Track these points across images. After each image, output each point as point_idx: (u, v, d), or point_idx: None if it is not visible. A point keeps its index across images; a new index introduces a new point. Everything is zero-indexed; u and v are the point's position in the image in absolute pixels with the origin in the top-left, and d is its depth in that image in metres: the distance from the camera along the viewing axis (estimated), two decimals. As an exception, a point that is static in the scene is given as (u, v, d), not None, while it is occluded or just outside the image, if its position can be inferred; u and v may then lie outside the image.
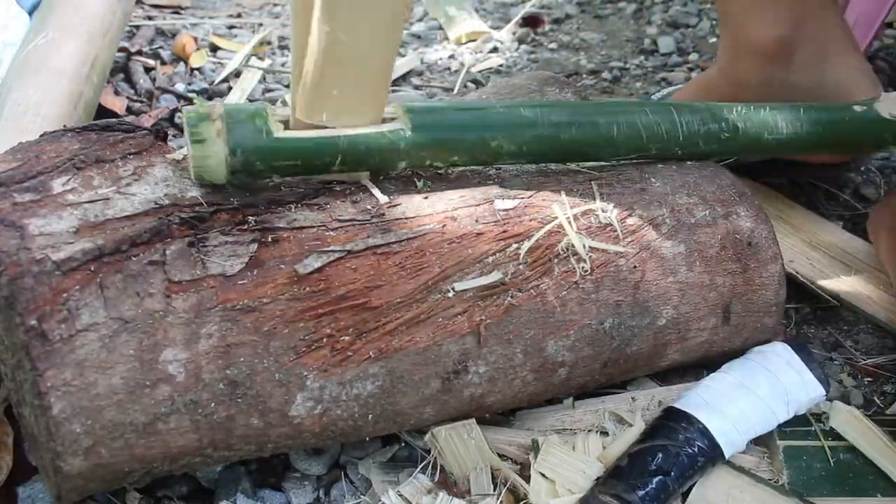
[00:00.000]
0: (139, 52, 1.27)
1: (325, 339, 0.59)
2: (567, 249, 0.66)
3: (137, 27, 1.35)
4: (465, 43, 1.43)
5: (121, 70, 1.22)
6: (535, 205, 0.67)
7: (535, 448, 0.67)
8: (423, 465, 0.66)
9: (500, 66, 1.34)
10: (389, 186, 0.66)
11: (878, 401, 0.77)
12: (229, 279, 0.58)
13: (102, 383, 0.54)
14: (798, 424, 0.71)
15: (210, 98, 1.21)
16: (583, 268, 0.66)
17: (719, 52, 0.96)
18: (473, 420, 0.66)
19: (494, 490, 0.65)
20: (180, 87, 1.22)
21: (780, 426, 0.70)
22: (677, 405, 0.68)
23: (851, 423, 0.71)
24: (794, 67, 0.91)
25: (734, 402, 0.68)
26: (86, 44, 1.00)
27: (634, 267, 0.68)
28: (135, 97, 1.17)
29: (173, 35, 1.37)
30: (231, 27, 1.45)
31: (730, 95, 0.88)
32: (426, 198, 0.66)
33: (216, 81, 1.24)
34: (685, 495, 0.65)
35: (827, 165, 1.00)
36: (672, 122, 0.73)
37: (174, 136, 1.11)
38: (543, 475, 0.65)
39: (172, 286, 0.56)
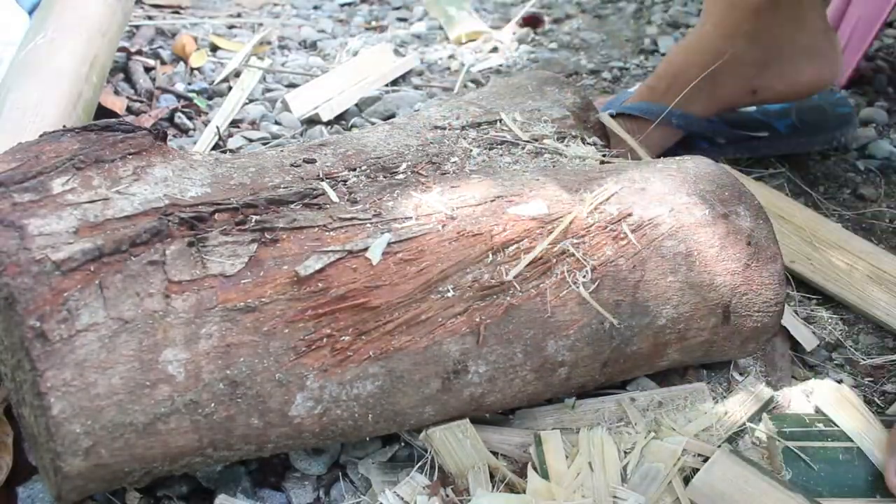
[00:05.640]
0: (139, 52, 1.27)
1: (324, 339, 0.59)
2: (565, 253, 0.66)
3: (137, 27, 1.36)
4: (465, 43, 1.43)
5: (121, 70, 1.22)
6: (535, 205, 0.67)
7: (536, 443, 0.67)
8: (419, 464, 0.66)
9: (500, 66, 1.34)
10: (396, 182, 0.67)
11: (877, 401, 0.77)
12: (229, 279, 0.58)
13: (102, 383, 0.54)
14: (798, 425, 0.71)
15: (210, 98, 1.21)
16: (584, 274, 0.66)
17: (707, 10, 1.01)
18: (467, 420, 0.66)
19: (493, 489, 0.65)
20: (180, 86, 1.22)
21: (779, 426, 0.70)
22: None
23: (837, 401, 0.72)
24: (778, 19, 0.97)
25: None
26: (85, 44, 1.00)
27: (634, 267, 0.68)
28: (135, 97, 1.17)
29: (173, 35, 1.37)
30: (231, 27, 1.45)
31: (723, 46, 0.97)
32: (426, 191, 0.66)
33: (216, 81, 1.24)
34: (687, 481, 0.65)
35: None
36: None
37: (174, 136, 1.11)
38: (544, 475, 0.65)
39: (172, 286, 0.56)
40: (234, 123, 1.14)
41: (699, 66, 0.98)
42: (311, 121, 1.16)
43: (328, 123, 1.15)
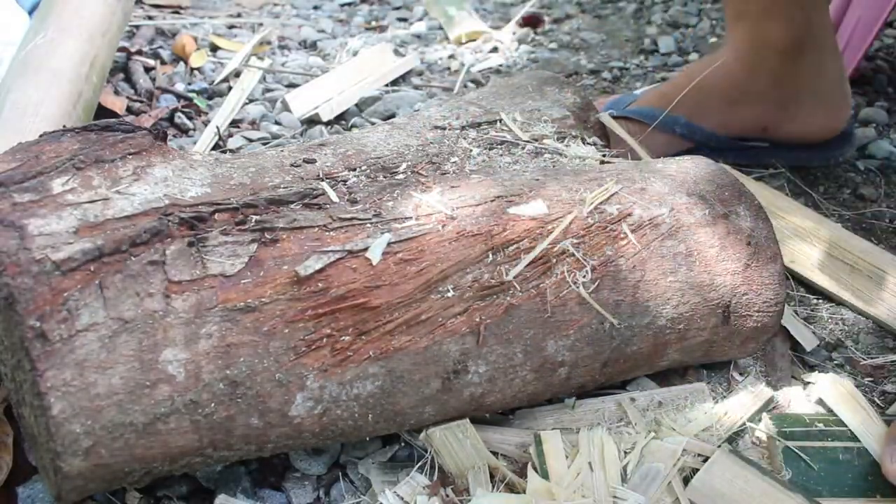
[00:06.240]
0: (139, 52, 1.27)
1: (324, 339, 0.59)
2: (565, 253, 0.66)
3: (137, 27, 1.36)
4: (465, 43, 1.43)
5: (121, 70, 1.22)
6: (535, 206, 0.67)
7: (536, 443, 0.67)
8: (419, 464, 0.66)
9: (500, 66, 1.34)
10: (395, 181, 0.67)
11: (878, 401, 0.77)
12: (229, 279, 0.58)
13: (102, 383, 0.54)
14: (798, 425, 0.71)
15: (210, 98, 1.21)
16: (584, 274, 0.66)
17: (733, 42, 1.03)
18: (467, 420, 0.66)
19: (493, 489, 0.65)
20: (180, 86, 1.22)
21: (779, 426, 0.70)
22: None
23: (839, 394, 0.73)
24: (803, 62, 1.00)
25: None
26: (85, 44, 1.00)
27: (634, 267, 0.68)
28: (135, 97, 1.17)
29: (173, 35, 1.37)
30: (231, 27, 1.45)
31: (744, 82, 1.00)
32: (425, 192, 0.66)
33: (216, 81, 1.24)
34: (686, 481, 0.65)
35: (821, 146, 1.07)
36: None
37: (174, 136, 1.11)
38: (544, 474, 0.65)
39: (172, 286, 0.56)
40: (234, 123, 1.15)
41: (715, 90, 1.00)
42: (311, 121, 1.16)
43: (328, 123, 1.15)
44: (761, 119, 1.03)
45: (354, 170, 0.68)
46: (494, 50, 1.40)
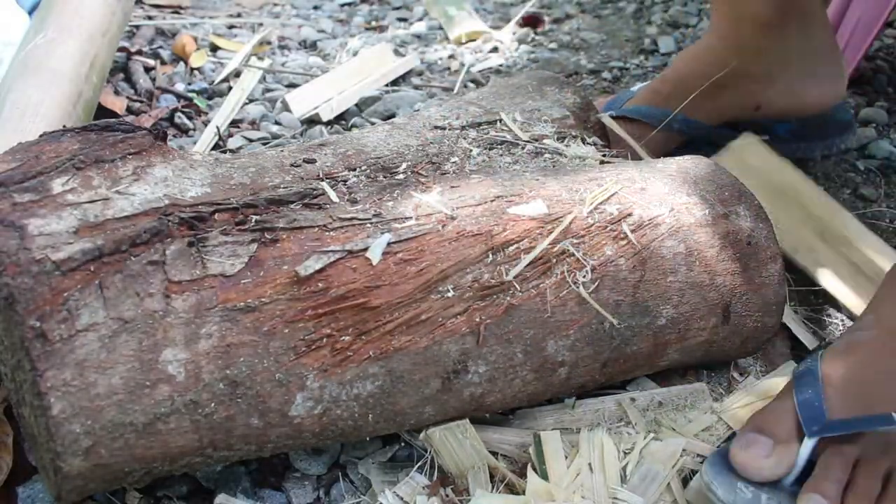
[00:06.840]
0: (139, 52, 1.27)
1: (324, 339, 0.59)
2: (565, 253, 0.66)
3: (137, 27, 1.36)
4: (465, 43, 1.43)
5: (121, 70, 1.22)
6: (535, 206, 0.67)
7: (536, 443, 0.67)
8: (419, 464, 0.66)
9: (500, 66, 1.34)
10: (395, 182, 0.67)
11: (878, 401, 0.77)
12: (229, 279, 0.58)
13: (102, 383, 0.54)
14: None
15: (210, 98, 1.21)
16: (584, 274, 0.66)
17: (715, 22, 1.02)
18: (467, 420, 0.66)
19: (492, 489, 0.65)
20: (180, 86, 1.22)
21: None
22: None
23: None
24: (787, 35, 0.98)
25: None
26: (85, 44, 1.00)
27: (634, 267, 0.68)
28: (135, 97, 1.17)
29: (173, 35, 1.37)
30: (231, 27, 1.45)
31: (730, 61, 0.98)
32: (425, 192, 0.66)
33: (216, 81, 1.24)
34: (686, 482, 0.65)
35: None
36: None
37: (174, 136, 1.11)
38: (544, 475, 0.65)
39: (172, 286, 0.56)
40: (234, 123, 1.15)
41: (704, 76, 0.99)
42: (311, 121, 1.16)
43: (328, 123, 1.15)
44: (753, 97, 1.01)
45: (354, 170, 0.68)
46: (494, 50, 1.40)
